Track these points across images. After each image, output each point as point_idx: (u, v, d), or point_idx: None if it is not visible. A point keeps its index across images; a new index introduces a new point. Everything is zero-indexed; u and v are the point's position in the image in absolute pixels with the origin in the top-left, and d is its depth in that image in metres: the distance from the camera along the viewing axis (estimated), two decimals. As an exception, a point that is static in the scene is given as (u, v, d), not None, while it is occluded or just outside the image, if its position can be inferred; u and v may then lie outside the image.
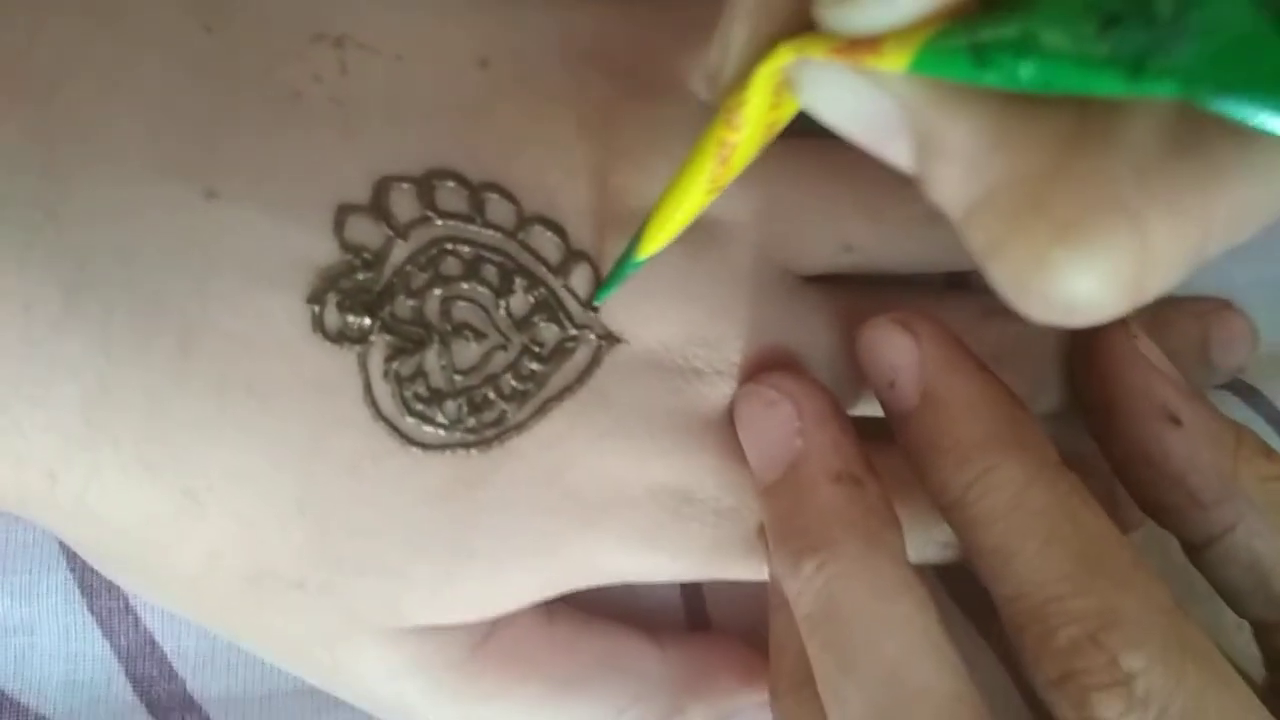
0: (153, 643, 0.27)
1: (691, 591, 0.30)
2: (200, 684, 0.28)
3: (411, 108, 0.24)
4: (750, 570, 0.26)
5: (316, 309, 0.22)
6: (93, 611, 0.27)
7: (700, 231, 0.25)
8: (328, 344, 0.22)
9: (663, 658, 0.27)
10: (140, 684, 0.27)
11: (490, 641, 0.25)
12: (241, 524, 0.22)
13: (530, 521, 0.24)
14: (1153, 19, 0.13)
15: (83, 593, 0.27)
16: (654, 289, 0.25)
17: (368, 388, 0.23)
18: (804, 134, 0.21)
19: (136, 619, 0.27)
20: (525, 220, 0.24)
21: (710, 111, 0.20)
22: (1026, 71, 0.13)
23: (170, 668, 0.28)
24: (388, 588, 0.23)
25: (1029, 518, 0.22)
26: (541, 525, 0.24)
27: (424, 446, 0.23)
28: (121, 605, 0.27)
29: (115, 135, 0.22)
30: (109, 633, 0.27)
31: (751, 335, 0.25)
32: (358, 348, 0.23)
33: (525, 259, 0.24)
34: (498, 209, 0.24)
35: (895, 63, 0.15)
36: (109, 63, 0.22)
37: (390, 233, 0.23)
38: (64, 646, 0.27)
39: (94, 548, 0.24)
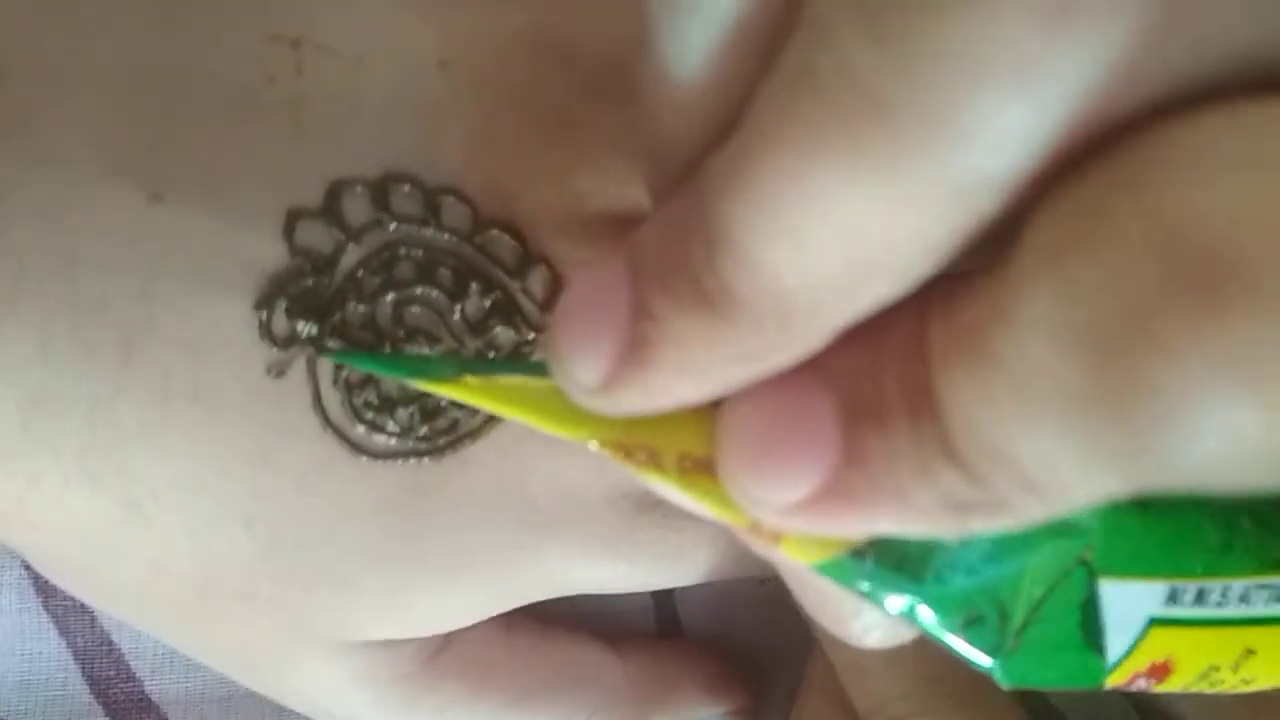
0: (110, 643, 0.27)
1: (663, 597, 0.30)
2: (158, 685, 0.27)
3: (368, 109, 0.23)
4: (716, 574, 0.26)
5: (264, 315, 0.22)
6: (49, 610, 0.27)
7: None
8: (276, 350, 0.22)
9: (623, 668, 0.27)
10: (97, 684, 0.27)
11: (445, 653, 0.25)
12: (187, 535, 0.22)
13: (485, 532, 0.24)
14: (1006, 626, 0.17)
15: (38, 591, 0.27)
16: None
17: (317, 396, 0.22)
18: None
19: (93, 618, 0.27)
20: (482, 224, 0.23)
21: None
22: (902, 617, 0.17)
23: (128, 668, 0.27)
24: (337, 600, 0.23)
25: None
26: (497, 536, 0.24)
27: (374, 455, 0.23)
28: (78, 604, 0.27)
29: (60, 133, 0.21)
30: (65, 632, 0.27)
31: None
32: (307, 354, 0.22)
33: (481, 263, 0.23)
34: (454, 212, 0.23)
35: (804, 557, 0.16)
36: (58, 57, 0.21)
37: (342, 236, 0.22)
38: (19, 645, 0.27)
39: (37, 554, 0.23)
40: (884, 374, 0.14)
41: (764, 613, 0.30)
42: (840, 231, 0.12)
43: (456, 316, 0.23)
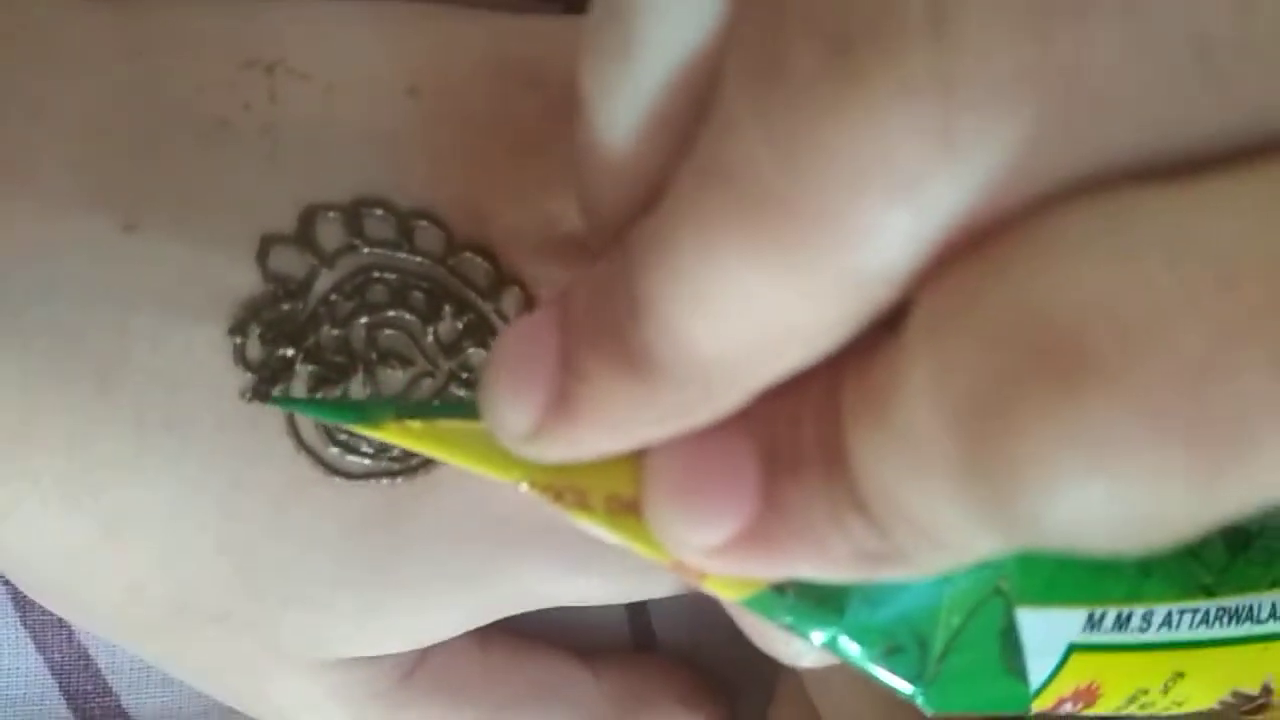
0: (87, 658, 0.27)
1: (637, 610, 0.30)
2: (135, 700, 0.28)
3: (340, 135, 0.23)
4: (689, 586, 0.26)
5: (239, 340, 0.22)
6: (26, 625, 0.27)
7: None
8: (250, 376, 0.22)
9: (597, 682, 0.27)
10: (75, 699, 0.27)
11: (420, 670, 0.25)
12: (163, 558, 0.22)
13: (458, 550, 0.24)
14: (926, 654, 0.17)
15: (15, 606, 0.27)
16: None
17: (290, 418, 0.22)
18: None
19: (70, 633, 0.27)
20: (455, 247, 0.24)
21: None
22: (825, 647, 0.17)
23: (105, 683, 0.27)
24: (312, 620, 0.23)
25: None
26: (470, 553, 0.24)
27: (348, 476, 0.23)
28: (55, 619, 0.27)
29: (36, 168, 0.21)
30: (43, 647, 0.27)
31: None
32: (281, 379, 0.22)
33: (454, 285, 0.24)
34: (427, 236, 0.23)
35: (727, 593, 0.17)
36: (33, 93, 0.22)
37: (315, 262, 0.23)
38: (-3, 661, 0.27)
39: (14, 572, 0.24)
40: (802, 424, 0.15)
41: (738, 625, 0.30)
42: (748, 310, 0.13)
43: (430, 339, 0.23)
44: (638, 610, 0.30)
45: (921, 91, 0.11)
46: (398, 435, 0.18)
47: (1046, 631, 0.18)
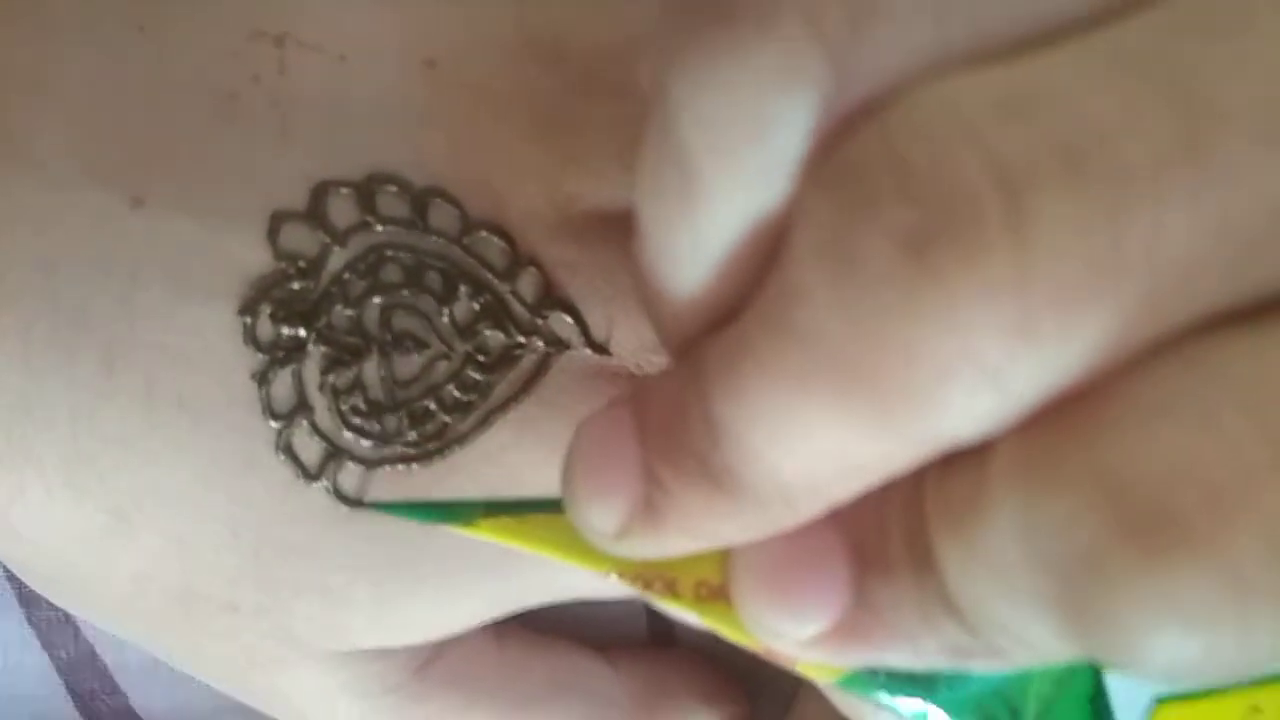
0: (94, 655, 0.27)
1: (654, 604, 0.29)
2: (144, 698, 0.27)
3: (353, 110, 0.23)
4: None
5: (248, 320, 0.21)
6: (32, 623, 0.27)
7: None
8: (260, 356, 0.22)
9: (615, 677, 0.27)
10: (81, 698, 0.27)
11: (436, 663, 0.24)
12: (172, 545, 0.22)
13: (476, 540, 0.23)
14: None
15: (21, 604, 0.26)
16: (605, 295, 0.24)
17: (302, 399, 0.22)
18: None
19: (77, 631, 0.27)
20: (470, 226, 0.23)
21: None
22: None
23: (112, 681, 0.27)
24: (326, 610, 0.23)
25: None
26: (488, 544, 0.23)
27: (363, 462, 0.22)
28: (61, 616, 0.27)
29: (39, 139, 0.21)
30: (49, 645, 0.27)
31: None
32: (292, 359, 0.22)
33: (470, 265, 0.23)
34: (442, 214, 0.23)
35: (821, 676, 0.17)
36: (35, 62, 0.21)
37: (327, 240, 0.22)
38: (2, 659, 0.26)
39: (23, 564, 0.23)
40: (889, 523, 0.14)
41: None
42: (828, 450, 0.13)
43: (445, 320, 0.23)
44: (656, 605, 0.29)
45: (1001, 290, 0.12)
46: (491, 532, 0.18)
47: (1135, 690, 0.19)
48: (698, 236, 0.14)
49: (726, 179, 0.13)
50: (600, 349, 0.24)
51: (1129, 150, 0.11)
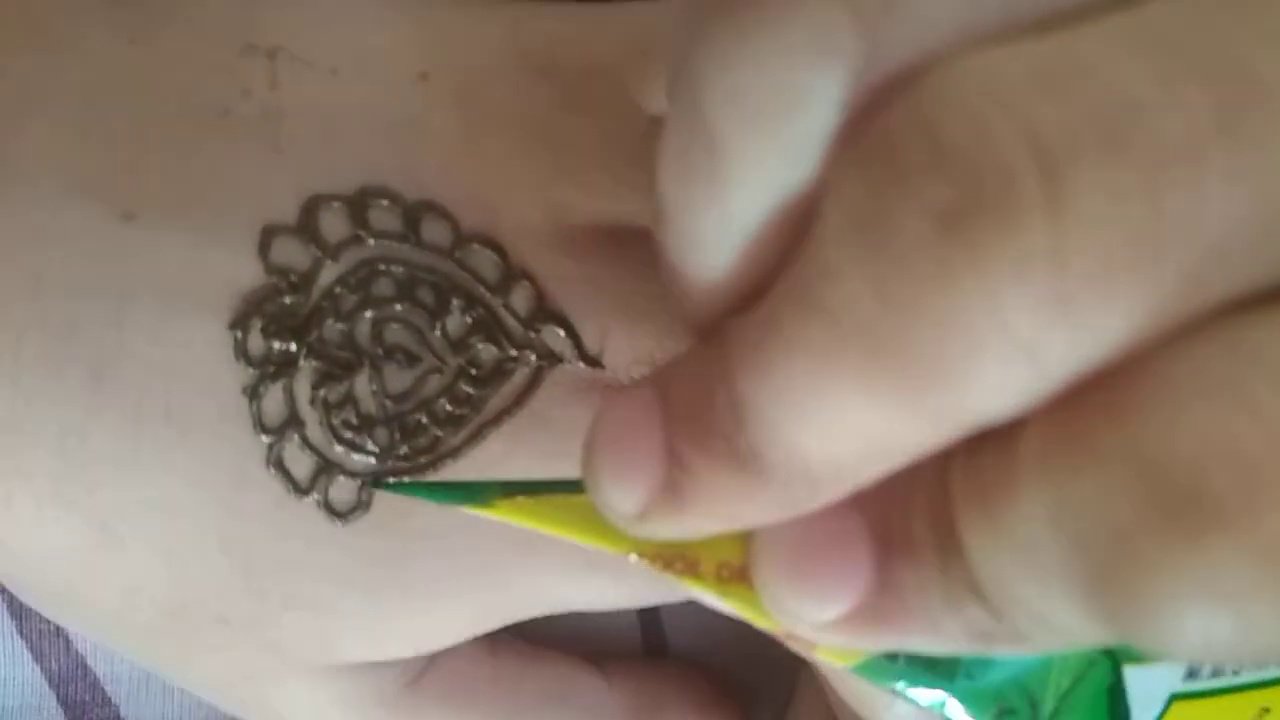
0: (84, 667, 0.27)
1: (648, 616, 0.29)
2: (134, 710, 0.27)
3: (345, 123, 0.23)
4: None
5: (239, 334, 0.21)
6: (23, 635, 0.26)
7: (647, 248, 0.24)
8: (251, 371, 0.21)
9: (609, 689, 0.27)
10: (72, 710, 0.27)
11: (428, 676, 0.24)
12: (162, 558, 0.22)
13: (467, 549, 0.23)
14: (1037, 716, 0.17)
15: (12, 616, 0.26)
16: (598, 308, 0.24)
17: (293, 411, 0.22)
18: None
19: (68, 642, 0.27)
20: (463, 239, 0.23)
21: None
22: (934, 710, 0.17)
23: (103, 693, 0.27)
24: (316, 623, 0.22)
25: None
26: (480, 555, 0.23)
27: (354, 474, 0.22)
28: (52, 628, 0.27)
29: (28, 151, 0.21)
30: (39, 656, 0.26)
31: None
32: (283, 374, 0.22)
33: (462, 279, 0.23)
34: (433, 228, 0.23)
35: (839, 661, 0.17)
36: (24, 76, 0.21)
37: (319, 253, 0.22)
38: (-7, 671, 0.26)
39: (13, 577, 0.23)
40: (913, 506, 0.14)
41: (751, 631, 0.29)
42: (856, 428, 0.13)
43: (437, 334, 0.23)
44: (650, 616, 0.29)
45: (1037, 263, 0.11)
46: (508, 512, 0.18)
47: (1151, 685, 0.19)
48: (725, 217, 0.14)
49: (757, 155, 0.13)
50: (593, 362, 0.24)
51: (1166, 124, 0.11)
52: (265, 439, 0.22)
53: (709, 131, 0.13)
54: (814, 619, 0.15)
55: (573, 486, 0.17)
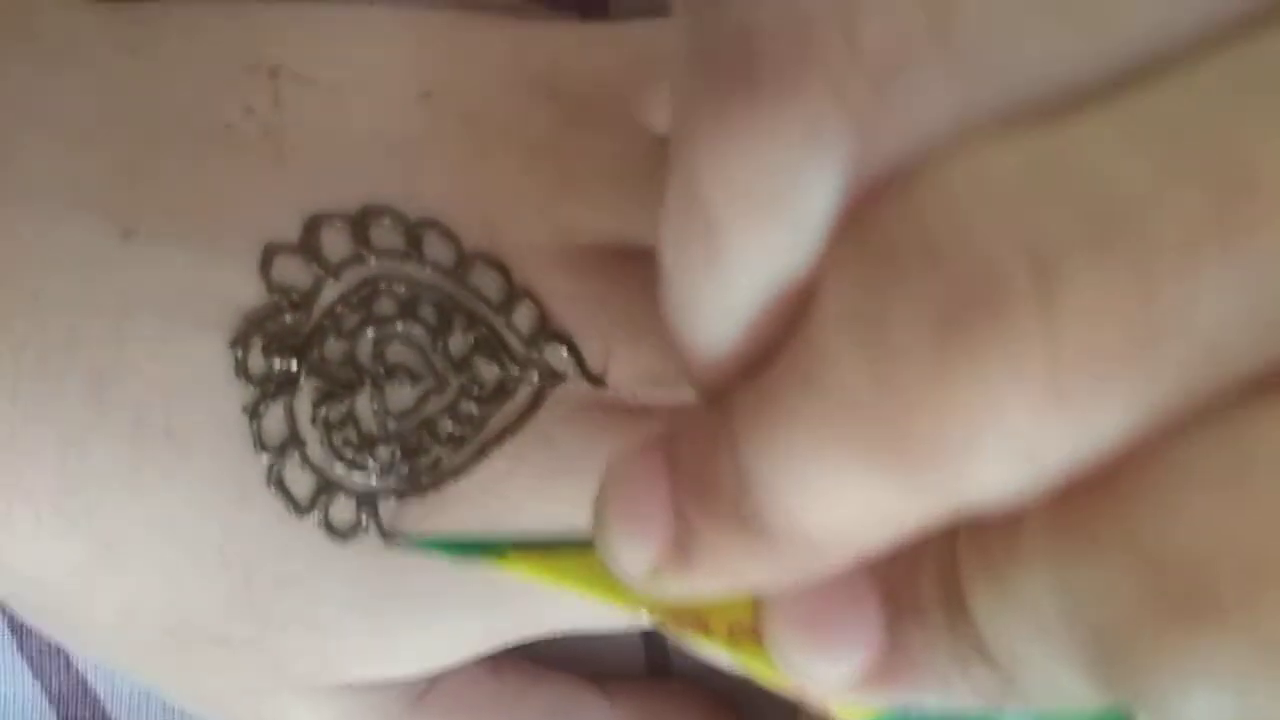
0: (85, 685, 0.27)
1: (652, 637, 0.29)
2: (135, 728, 0.27)
3: (347, 141, 0.23)
4: None
5: (239, 352, 0.21)
6: (23, 652, 0.26)
7: (650, 267, 0.24)
8: (252, 389, 0.21)
9: (612, 709, 0.26)
10: (73, 728, 0.27)
11: (430, 695, 0.24)
12: (162, 576, 0.21)
13: (469, 570, 0.23)
14: None
15: (12, 633, 0.26)
16: (601, 326, 0.24)
17: (294, 430, 0.22)
18: None
19: (68, 661, 0.27)
20: (466, 258, 0.23)
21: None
22: None
23: (104, 711, 0.27)
24: (318, 643, 0.22)
25: None
26: (482, 574, 0.23)
27: (355, 494, 0.22)
28: (52, 646, 0.26)
29: (27, 167, 0.21)
30: (40, 674, 0.26)
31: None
32: (283, 392, 0.22)
33: (464, 297, 0.23)
34: (436, 246, 0.23)
35: (854, 716, 0.17)
36: (23, 89, 0.21)
37: (320, 272, 0.22)
38: (-7, 689, 0.26)
39: (10, 595, 0.23)
40: (922, 567, 0.15)
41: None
42: (859, 503, 0.13)
43: (439, 352, 0.23)
44: (653, 636, 0.29)
45: (1032, 362, 0.12)
46: (520, 567, 0.18)
47: None
48: (724, 292, 0.14)
49: (752, 243, 0.13)
50: (596, 380, 0.23)
51: (1159, 222, 0.11)
52: (265, 458, 0.22)
53: (705, 211, 0.13)
54: (825, 677, 0.15)
55: (584, 543, 0.17)
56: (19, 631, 0.26)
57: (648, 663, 0.29)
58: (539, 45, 0.25)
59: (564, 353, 0.23)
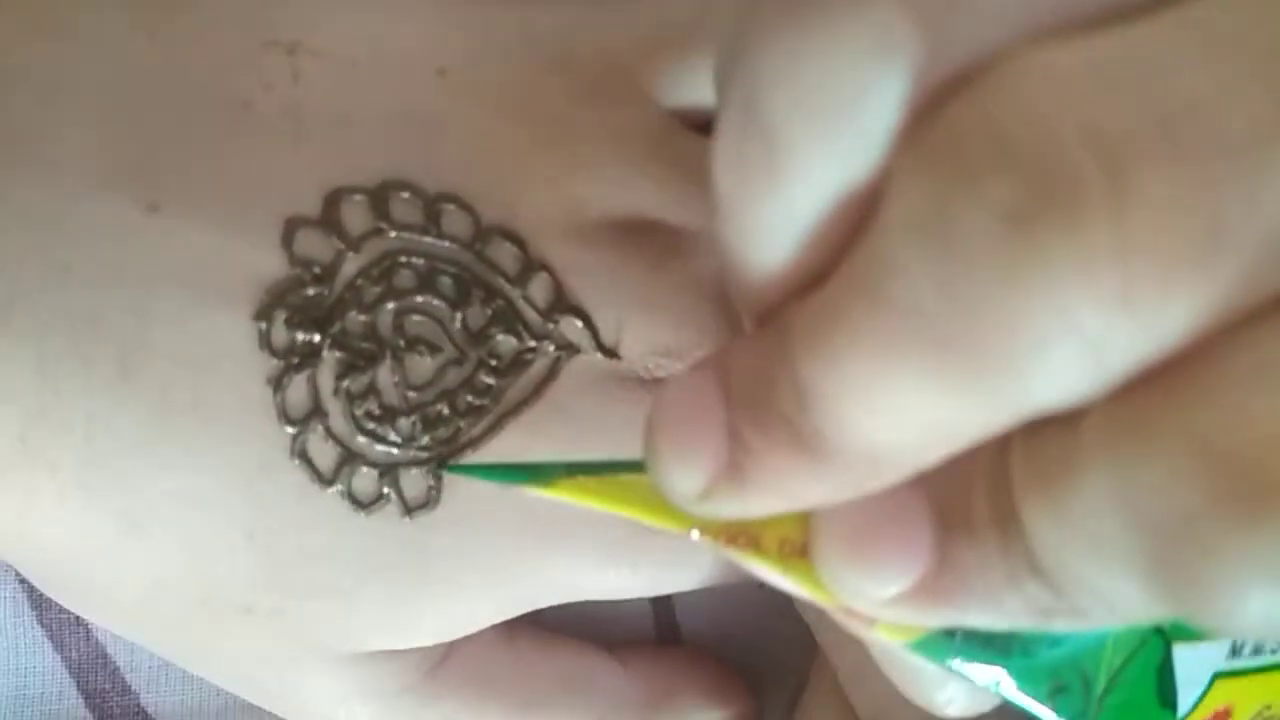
0: (105, 656, 0.27)
1: (661, 603, 0.30)
2: (154, 698, 0.27)
3: (366, 117, 0.23)
4: (717, 578, 0.26)
5: (263, 326, 0.22)
6: (43, 624, 0.27)
7: (663, 240, 0.24)
8: (275, 362, 0.22)
9: (625, 675, 0.27)
10: (93, 698, 0.27)
11: (448, 663, 0.25)
12: (186, 549, 0.22)
13: (488, 541, 0.23)
14: (1089, 694, 0.18)
15: (32, 605, 0.27)
16: (615, 299, 0.24)
17: (317, 403, 0.22)
18: None
19: (88, 632, 0.27)
20: (483, 231, 0.23)
21: None
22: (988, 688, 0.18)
23: (123, 681, 0.27)
24: (339, 612, 0.23)
25: None
26: (500, 544, 0.23)
27: (376, 465, 0.22)
28: (72, 618, 0.27)
29: (52, 144, 0.21)
30: (60, 646, 0.27)
31: (716, 345, 0.25)
32: (306, 365, 0.22)
33: (482, 270, 0.23)
34: (454, 220, 0.23)
35: (896, 637, 0.17)
36: (48, 68, 0.21)
37: (341, 246, 0.22)
38: (13, 661, 0.26)
39: (35, 569, 0.23)
40: (974, 485, 0.15)
41: (763, 616, 0.30)
42: (919, 414, 0.13)
43: (458, 325, 0.23)
44: (663, 604, 0.30)
45: (1101, 262, 0.12)
46: (570, 492, 0.18)
47: (1196, 663, 0.19)
48: (785, 211, 0.14)
49: (818, 152, 0.13)
50: (610, 353, 0.24)
51: (1225, 123, 0.12)
52: (289, 429, 0.22)
53: (768, 128, 0.13)
54: (874, 596, 0.15)
55: (635, 466, 0.17)
56: (39, 604, 0.26)
57: (657, 630, 0.30)
58: (551, 21, 0.25)
59: (579, 325, 0.24)
